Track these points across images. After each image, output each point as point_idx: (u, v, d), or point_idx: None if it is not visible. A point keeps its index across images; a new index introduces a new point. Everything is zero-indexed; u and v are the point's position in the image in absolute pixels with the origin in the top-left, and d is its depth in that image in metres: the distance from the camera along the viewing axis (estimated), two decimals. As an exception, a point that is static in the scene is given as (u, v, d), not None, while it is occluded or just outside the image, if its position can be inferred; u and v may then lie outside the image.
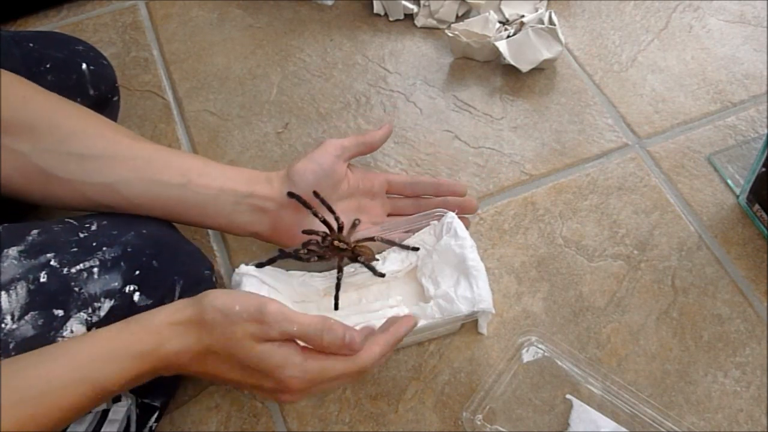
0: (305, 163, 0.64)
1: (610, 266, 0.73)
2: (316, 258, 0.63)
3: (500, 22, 0.90)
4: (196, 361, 0.50)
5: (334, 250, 0.63)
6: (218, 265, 0.75)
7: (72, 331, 0.51)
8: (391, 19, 0.94)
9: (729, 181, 0.78)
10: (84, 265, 0.53)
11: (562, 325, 0.69)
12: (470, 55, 0.89)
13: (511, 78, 0.88)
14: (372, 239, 0.65)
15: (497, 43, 0.85)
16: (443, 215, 0.68)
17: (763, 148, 0.69)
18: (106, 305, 0.53)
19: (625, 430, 0.62)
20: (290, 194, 0.63)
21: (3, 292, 0.49)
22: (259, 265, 0.64)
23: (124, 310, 0.54)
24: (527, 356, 0.67)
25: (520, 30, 0.87)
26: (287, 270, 0.66)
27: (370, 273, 0.65)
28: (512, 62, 0.85)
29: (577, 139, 0.82)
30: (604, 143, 0.82)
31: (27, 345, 0.49)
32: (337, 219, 0.64)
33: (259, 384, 0.51)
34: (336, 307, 0.63)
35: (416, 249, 0.67)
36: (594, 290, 0.71)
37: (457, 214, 0.67)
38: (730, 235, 0.75)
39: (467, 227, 0.68)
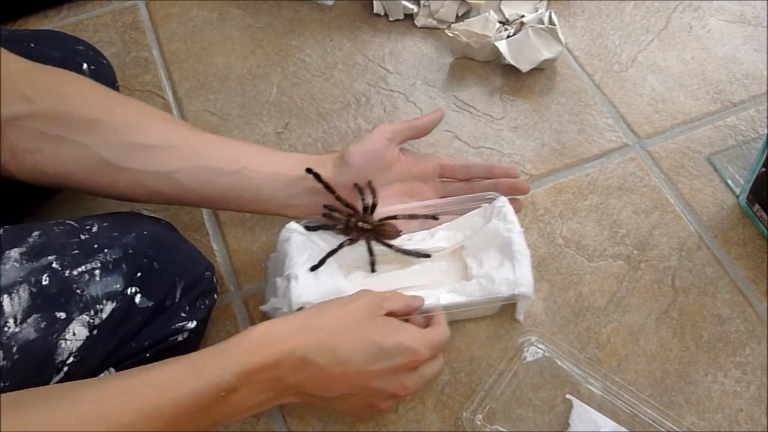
0: (357, 147, 0.65)
1: (610, 266, 0.73)
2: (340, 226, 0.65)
3: (500, 22, 0.90)
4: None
5: (359, 231, 0.64)
6: (218, 265, 0.75)
7: (74, 334, 0.51)
8: (391, 19, 0.94)
9: (729, 181, 0.78)
10: (85, 267, 0.53)
11: (562, 325, 0.69)
12: (470, 55, 0.89)
13: (511, 78, 0.88)
14: (394, 217, 0.66)
15: (497, 43, 0.85)
16: (494, 199, 0.68)
17: (763, 148, 0.69)
18: (108, 307, 0.53)
19: (625, 430, 0.62)
20: (308, 170, 0.63)
21: (5, 296, 0.49)
22: (308, 229, 0.65)
23: (125, 311, 0.54)
24: (527, 356, 0.67)
25: (520, 30, 0.87)
26: (336, 233, 0.66)
27: (416, 247, 0.66)
28: (512, 62, 0.85)
29: (577, 139, 0.82)
30: (604, 143, 0.82)
31: (30, 348, 0.49)
32: (363, 200, 0.65)
33: (391, 368, 0.54)
34: (373, 270, 0.66)
35: (428, 256, 0.66)
36: (594, 290, 0.71)
37: (508, 195, 0.69)
38: (730, 235, 0.75)
39: (519, 210, 0.70)
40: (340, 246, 0.64)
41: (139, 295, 0.55)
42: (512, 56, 0.86)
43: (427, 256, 0.66)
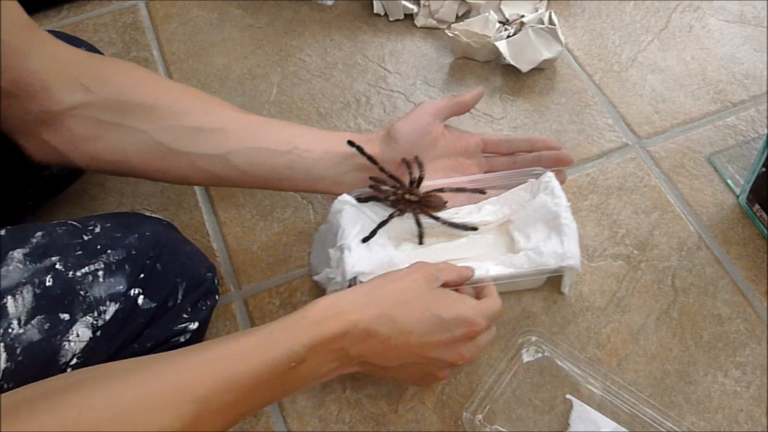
0: (404, 122, 0.67)
1: (610, 266, 0.73)
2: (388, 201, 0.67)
3: (500, 22, 0.90)
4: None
5: (406, 203, 0.66)
6: (218, 265, 0.75)
7: (78, 335, 0.51)
8: (391, 19, 0.94)
9: (729, 181, 0.78)
10: (89, 269, 0.53)
11: (562, 325, 0.69)
12: (470, 55, 0.89)
13: (511, 78, 0.88)
14: (441, 190, 0.67)
15: (497, 43, 0.85)
16: (541, 174, 0.69)
17: (763, 148, 0.69)
18: (111, 309, 0.53)
19: (625, 430, 0.62)
20: (350, 143, 0.65)
21: (9, 297, 0.49)
22: (359, 200, 0.66)
23: (128, 313, 0.54)
24: (527, 356, 0.67)
25: (520, 30, 0.87)
26: (386, 205, 0.67)
27: (462, 220, 0.68)
28: (512, 62, 0.85)
29: (577, 139, 0.83)
30: (604, 143, 0.82)
31: (33, 349, 0.49)
32: (411, 174, 0.66)
33: (450, 339, 0.54)
34: (420, 242, 0.68)
35: (475, 229, 0.67)
36: (594, 290, 0.72)
37: (552, 167, 0.70)
38: (730, 235, 0.75)
39: (563, 181, 0.70)
40: (390, 217, 0.65)
41: (141, 297, 0.55)
42: (512, 56, 0.86)
43: (474, 228, 0.67)
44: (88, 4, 0.97)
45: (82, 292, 0.52)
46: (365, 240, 0.64)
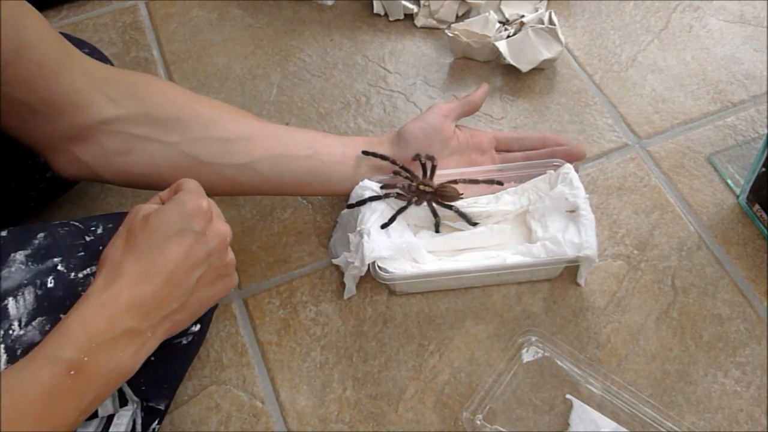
0: (415, 123, 0.70)
1: (610, 266, 0.73)
2: (395, 196, 0.69)
3: (500, 22, 0.90)
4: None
5: (420, 194, 0.68)
6: (218, 265, 0.75)
7: None
8: (391, 19, 0.94)
9: (729, 181, 0.78)
10: (91, 270, 0.53)
11: (562, 325, 0.69)
12: (470, 55, 0.89)
13: (511, 78, 0.88)
14: (455, 181, 0.69)
15: (497, 43, 0.85)
16: (560, 165, 0.71)
17: (763, 148, 0.69)
18: None
19: (625, 430, 0.62)
20: (365, 152, 0.68)
21: (10, 298, 0.48)
22: (382, 188, 0.69)
23: None
24: (527, 356, 0.67)
25: (520, 30, 0.87)
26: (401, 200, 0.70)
27: (481, 210, 0.70)
28: (512, 62, 0.85)
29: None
30: (604, 143, 0.82)
31: None
32: (423, 166, 0.69)
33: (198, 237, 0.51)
34: (437, 231, 0.71)
35: (475, 224, 0.69)
36: (594, 290, 0.72)
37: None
38: (730, 235, 0.75)
39: (576, 171, 0.72)
40: (408, 203, 0.68)
41: None
42: (512, 56, 0.86)
43: (475, 224, 0.69)
44: (88, 4, 0.97)
45: (83, 294, 0.51)
46: (384, 226, 0.66)
